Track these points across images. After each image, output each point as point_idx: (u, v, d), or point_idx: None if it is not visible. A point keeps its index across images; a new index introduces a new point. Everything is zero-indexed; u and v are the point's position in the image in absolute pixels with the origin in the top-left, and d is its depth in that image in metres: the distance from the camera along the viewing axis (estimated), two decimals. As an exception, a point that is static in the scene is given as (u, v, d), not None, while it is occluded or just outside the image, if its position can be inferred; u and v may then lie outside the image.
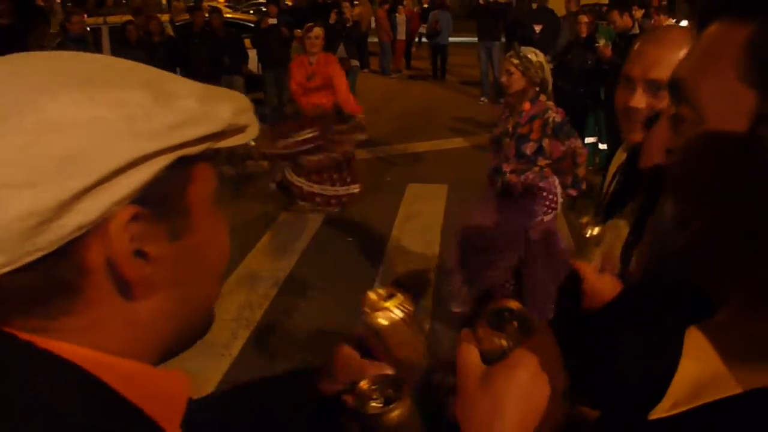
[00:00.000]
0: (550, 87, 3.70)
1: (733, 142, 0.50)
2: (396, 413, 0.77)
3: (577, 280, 1.43)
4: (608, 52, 6.00)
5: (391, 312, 0.74)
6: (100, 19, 9.62)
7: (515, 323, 0.76)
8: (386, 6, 14.95)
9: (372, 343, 0.76)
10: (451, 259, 4.02)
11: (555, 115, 3.53)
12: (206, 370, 3.73)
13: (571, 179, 3.72)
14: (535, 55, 3.59)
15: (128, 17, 8.93)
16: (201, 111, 0.53)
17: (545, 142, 3.56)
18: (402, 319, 0.75)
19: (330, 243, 5.56)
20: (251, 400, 0.95)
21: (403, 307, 0.76)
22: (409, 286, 4.59)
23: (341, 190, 6.00)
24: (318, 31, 5.81)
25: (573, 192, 3.73)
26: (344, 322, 4.23)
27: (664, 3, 17.15)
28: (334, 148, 5.72)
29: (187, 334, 0.62)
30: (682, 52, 1.15)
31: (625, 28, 6.10)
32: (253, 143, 5.22)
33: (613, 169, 1.72)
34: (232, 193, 6.90)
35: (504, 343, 0.74)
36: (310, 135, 5.60)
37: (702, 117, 0.52)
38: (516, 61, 3.55)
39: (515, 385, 0.66)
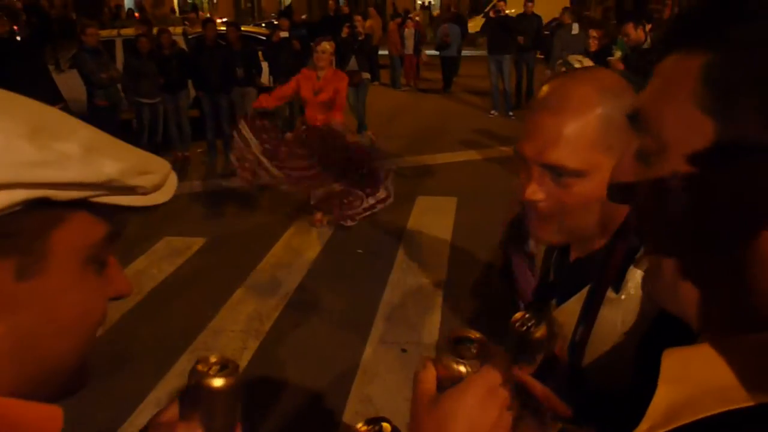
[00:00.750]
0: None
1: (694, 173, 0.51)
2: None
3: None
4: (620, 65, 5.99)
5: (223, 378, 0.74)
6: (114, 32, 9.75)
7: (474, 350, 0.78)
8: (398, 20, 15.03)
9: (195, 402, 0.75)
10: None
11: None
12: (215, 380, 3.74)
13: None
14: (580, 63, 3.77)
15: (142, 30, 9.03)
16: (78, 158, 0.53)
17: None
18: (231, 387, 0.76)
19: (339, 255, 5.58)
20: None
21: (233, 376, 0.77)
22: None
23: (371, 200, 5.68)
24: (326, 45, 5.81)
25: None
26: (353, 332, 4.24)
27: (677, 10, 17.13)
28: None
29: (42, 387, 0.58)
30: (590, 123, 0.99)
31: (638, 42, 6.09)
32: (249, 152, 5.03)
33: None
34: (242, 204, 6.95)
35: (462, 369, 0.75)
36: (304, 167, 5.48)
37: (664, 146, 0.53)
38: (564, 69, 3.63)
39: (461, 409, 0.69)
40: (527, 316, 0.98)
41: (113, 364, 3.95)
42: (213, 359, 0.76)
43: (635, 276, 1.03)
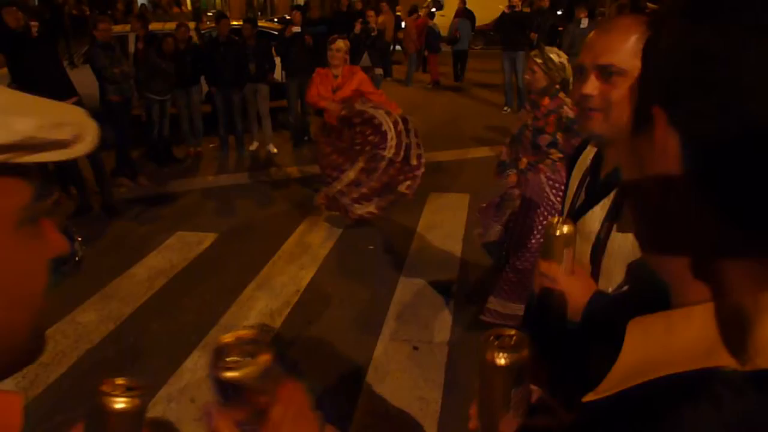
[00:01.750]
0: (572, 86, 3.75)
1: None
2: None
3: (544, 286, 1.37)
4: None
5: (125, 400, 0.74)
6: (127, 27, 9.76)
7: (513, 341, 0.90)
8: (415, 15, 15.02)
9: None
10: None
11: (570, 111, 3.62)
12: (226, 376, 3.74)
13: None
14: (557, 56, 3.74)
15: (156, 25, 9.05)
16: None
17: (559, 136, 3.70)
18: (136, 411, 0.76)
19: (351, 251, 5.56)
20: None
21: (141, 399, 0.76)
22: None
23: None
24: (340, 44, 5.74)
25: None
26: (365, 330, 4.22)
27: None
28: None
29: None
30: (632, 38, 1.37)
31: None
32: (275, 151, 5.25)
33: (582, 164, 1.68)
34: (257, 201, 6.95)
35: (503, 361, 0.89)
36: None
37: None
38: (539, 61, 3.73)
39: None
40: (557, 220, 1.28)
41: (125, 359, 3.97)
42: (120, 381, 0.76)
43: None
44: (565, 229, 1.30)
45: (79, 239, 5.39)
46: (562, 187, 3.71)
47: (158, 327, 4.34)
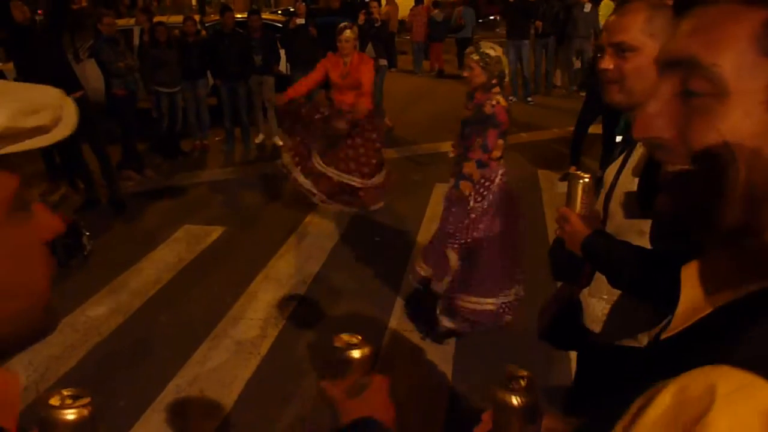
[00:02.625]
0: (508, 78, 3.81)
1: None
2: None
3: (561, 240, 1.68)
4: None
5: (72, 411, 0.76)
6: (132, 21, 9.76)
7: (524, 383, 1.04)
8: (420, 5, 15.06)
9: None
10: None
11: (489, 107, 3.61)
12: (235, 368, 3.77)
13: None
14: (493, 50, 3.69)
15: (159, 18, 9.04)
16: None
17: (467, 129, 3.76)
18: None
19: (357, 243, 5.57)
20: None
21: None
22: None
23: (369, 183, 5.81)
24: (348, 33, 5.78)
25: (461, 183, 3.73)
26: (371, 322, 4.24)
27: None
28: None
29: (9, 339, 0.59)
30: (641, 17, 1.59)
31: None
32: (281, 143, 5.24)
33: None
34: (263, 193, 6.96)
35: (515, 401, 1.03)
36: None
37: (724, 89, 0.60)
38: (476, 57, 3.65)
39: None
40: (580, 173, 1.59)
41: (134, 352, 4.00)
42: (67, 392, 0.77)
43: None
44: (583, 179, 1.61)
45: (87, 233, 5.41)
46: (486, 182, 3.76)
47: (167, 320, 4.37)
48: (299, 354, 3.94)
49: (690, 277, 0.68)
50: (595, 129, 6.87)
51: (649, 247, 1.52)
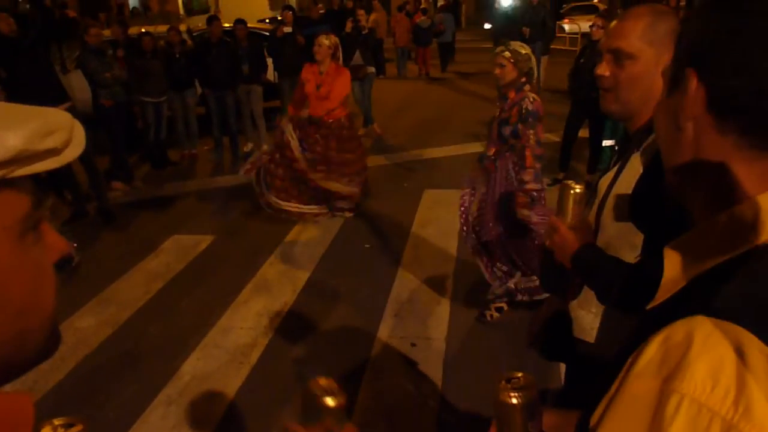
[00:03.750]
0: (536, 75, 3.99)
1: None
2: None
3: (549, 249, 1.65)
4: None
5: None
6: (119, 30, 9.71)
7: (522, 381, 1.09)
8: (404, 12, 15.36)
9: None
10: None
11: (529, 103, 3.76)
12: (225, 378, 3.75)
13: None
14: (523, 48, 3.88)
15: (146, 28, 9.03)
16: None
17: (519, 127, 3.80)
18: None
19: (347, 250, 5.57)
20: None
21: None
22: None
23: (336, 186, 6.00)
24: (322, 39, 5.86)
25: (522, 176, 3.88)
26: (362, 328, 4.23)
27: (682, 3, 16.99)
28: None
29: (15, 362, 0.60)
30: (642, 23, 1.53)
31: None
32: (265, 155, 5.27)
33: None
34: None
35: (515, 401, 1.05)
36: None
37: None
38: (507, 54, 3.83)
39: None
40: (573, 182, 1.55)
41: (123, 364, 3.97)
42: (59, 421, 0.78)
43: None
44: (575, 189, 1.57)
45: (75, 245, 5.39)
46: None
47: (156, 330, 4.35)
48: (290, 362, 3.93)
49: (671, 254, 0.75)
50: (585, 133, 6.92)
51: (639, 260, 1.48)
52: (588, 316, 1.73)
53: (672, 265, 0.74)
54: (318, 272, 5.13)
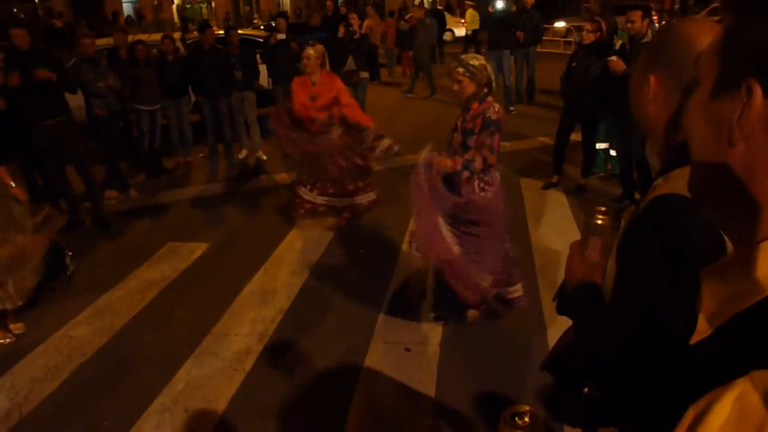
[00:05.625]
0: (494, 83, 3.93)
1: None
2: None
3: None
4: (620, 65, 5.93)
5: None
6: (111, 40, 9.73)
7: (527, 419, 1.10)
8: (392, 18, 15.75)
9: None
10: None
11: (493, 113, 3.80)
12: (220, 385, 3.76)
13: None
14: (476, 60, 3.88)
15: (139, 37, 9.04)
16: None
17: (477, 134, 3.84)
18: None
19: (342, 256, 5.58)
20: None
21: None
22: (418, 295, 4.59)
23: (358, 199, 6.05)
24: (309, 51, 5.81)
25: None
26: (357, 334, 4.24)
27: (677, 7, 17.06)
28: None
29: None
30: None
31: (640, 33, 6.03)
32: (265, 158, 5.36)
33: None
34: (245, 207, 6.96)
35: None
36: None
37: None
38: (461, 70, 3.83)
39: None
40: (602, 209, 1.46)
41: (118, 371, 3.98)
42: None
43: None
44: (596, 219, 1.47)
45: (70, 254, 5.39)
46: (488, 181, 3.90)
47: (151, 339, 4.35)
48: (285, 368, 3.93)
49: (711, 281, 0.70)
50: (578, 137, 6.94)
51: None
52: None
53: (714, 294, 0.69)
54: (313, 278, 5.14)
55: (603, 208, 1.48)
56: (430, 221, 3.90)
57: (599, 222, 1.46)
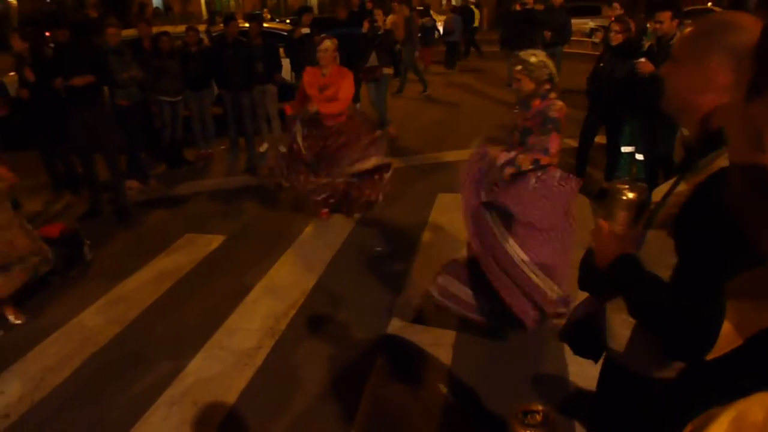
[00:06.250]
0: (557, 78, 3.80)
1: None
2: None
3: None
4: (649, 67, 5.80)
5: None
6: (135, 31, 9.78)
7: (539, 417, 1.12)
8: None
9: None
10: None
11: (552, 112, 3.67)
12: (230, 379, 3.74)
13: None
14: (534, 57, 3.75)
15: (165, 28, 9.07)
16: None
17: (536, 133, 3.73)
18: None
19: (358, 253, 5.54)
20: None
21: None
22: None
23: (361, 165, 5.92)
24: (327, 43, 5.90)
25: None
26: (369, 333, 4.20)
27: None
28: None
29: None
30: (692, 33, 1.49)
31: (668, 34, 5.90)
32: (285, 150, 5.30)
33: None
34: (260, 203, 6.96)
35: None
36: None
37: None
38: (519, 68, 3.74)
39: None
40: (625, 186, 1.51)
41: (129, 363, 3.98)
42: None
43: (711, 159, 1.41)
44: (626, 195, 1.52)
45: (88, 242, 5.43)
46: (547, 180, 3.72)
47: (163, 330, 4.35)
48: (294, 365, 3.90)
49: (732, 304, 0.69)
50: (602, 139, 6.83)
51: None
52: (621, 321, 1.65)
53: (739, 312, 0.67)
54: (327, 275, 5.11)
55: (626, 185, 1.55)
56: (479, 215, 3.83)
57: (628, 197, 1.52)
